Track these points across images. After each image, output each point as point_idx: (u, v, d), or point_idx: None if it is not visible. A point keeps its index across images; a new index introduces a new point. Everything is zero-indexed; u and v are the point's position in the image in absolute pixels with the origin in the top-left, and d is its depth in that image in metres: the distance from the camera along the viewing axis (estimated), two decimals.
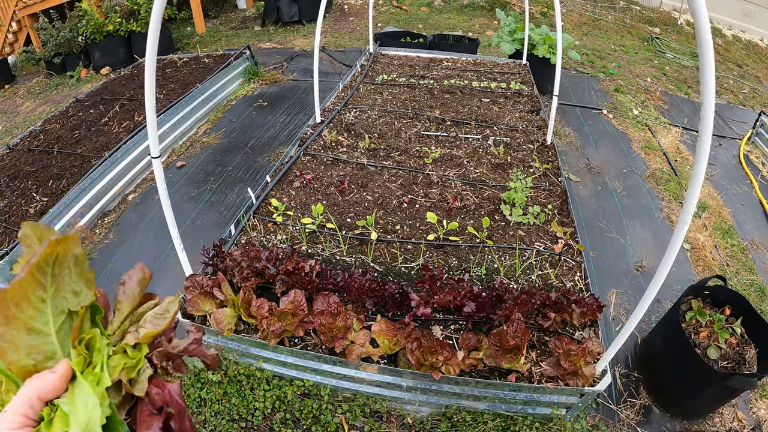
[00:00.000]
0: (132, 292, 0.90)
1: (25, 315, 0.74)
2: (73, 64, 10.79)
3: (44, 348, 0.78)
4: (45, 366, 0.77)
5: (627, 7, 13.61)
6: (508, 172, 4.99)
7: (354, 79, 7.39)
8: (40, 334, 0.77)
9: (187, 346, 0.90)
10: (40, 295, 0.75)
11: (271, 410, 3.40)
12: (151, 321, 0.87)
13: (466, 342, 3.13)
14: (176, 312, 0.88)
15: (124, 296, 0.90)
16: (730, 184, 6.46)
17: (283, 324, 3.16)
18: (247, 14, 13.60)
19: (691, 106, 8.64)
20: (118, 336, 0.87)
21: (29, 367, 0.76)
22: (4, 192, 5.61)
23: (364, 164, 5.11)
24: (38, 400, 0.75)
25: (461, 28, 11.83)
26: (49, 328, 0.77)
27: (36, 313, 0.75)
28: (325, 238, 4.12)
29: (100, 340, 0.83)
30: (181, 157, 6.66)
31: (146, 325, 0.87)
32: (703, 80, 1.93)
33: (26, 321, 0.74)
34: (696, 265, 5.00)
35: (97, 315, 0.87)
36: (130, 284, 0.90)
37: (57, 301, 0.78)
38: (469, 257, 3.95)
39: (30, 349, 0.76)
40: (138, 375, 0.84)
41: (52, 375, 0.76)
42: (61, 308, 0.78)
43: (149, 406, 0.82)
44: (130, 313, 0.89)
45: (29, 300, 0.74)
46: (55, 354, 0.79)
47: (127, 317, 0.89)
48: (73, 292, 0.79)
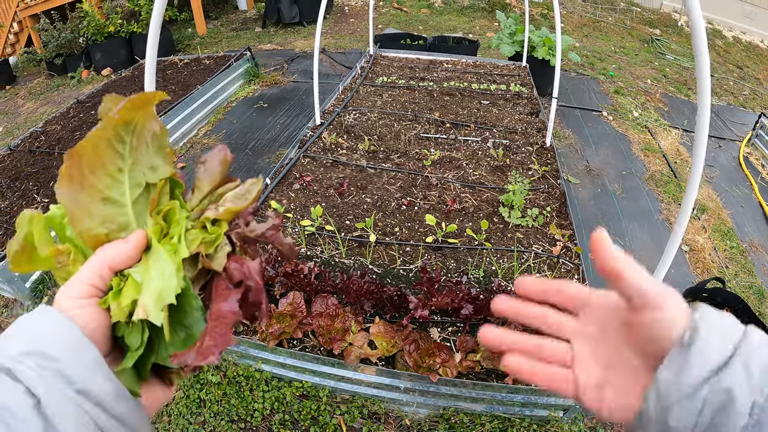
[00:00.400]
0: (213, 170, 0.84)
1: (101, 183, 0.72)
2: (74, 65, 10.79)
3: (119, 219, 0.75)
4: (118, 236, 0.75)
5: (627, 9, 13.63)
6: (507, 174, 5.00)
7: (354, 81, 7.41)
8: (115, 204, 0.74)
9: (265, 231, 0.83)
10: (118, 165, 0.73)
11: (270, 411, 3.42)
12: (232, 200, 0.82)
13: (464, 344, 3.14)
14: (259, 192, 0.83)
15: (204, 174, 0.85)
16: (730, 185, 6.47)
17: (281, 326, 3.17)
18: (247, 15, 13.61)
19: (691, 108, 8.65)
20: (197, 213, 0.83)
21: (101, 237, 0.74)
22: (5, 193, 5.62)
23: (364, 166, 5.12)
24: (109, 269, 0.72)
25: (461, 29, 11.85)
26: (125, 199, 0.75)
27: (112, 182, 0.73)
28: (324, 240, 4.13)
29: (179, 212, 0.80)
30: (182, 159, 6.68)
31: (227, 204, 0.81)
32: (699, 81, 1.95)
33: (102, 190, 0.72)
34: (695, 267, 5.00)
35: (177, 189, 0.83)
36: (212, 163, 0.85)
37: (134, 174, 0.75)
38: (468, 259, 3.96)
39: (104, 218, 0.74)
40: (216, 251, 0.79)
41: (125, 244, 0.73)
42: (138, 181, 0.76)
43: (226, 281, 0.77)
44: (209, 192, 0.84)
45: (106, 168, 0.72)
46: (129, 225, 0.76)
47: (206, 196, 0.84)
48: (150, 167, 0.77)
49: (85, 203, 0.71)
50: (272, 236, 0.85)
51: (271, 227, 0.84)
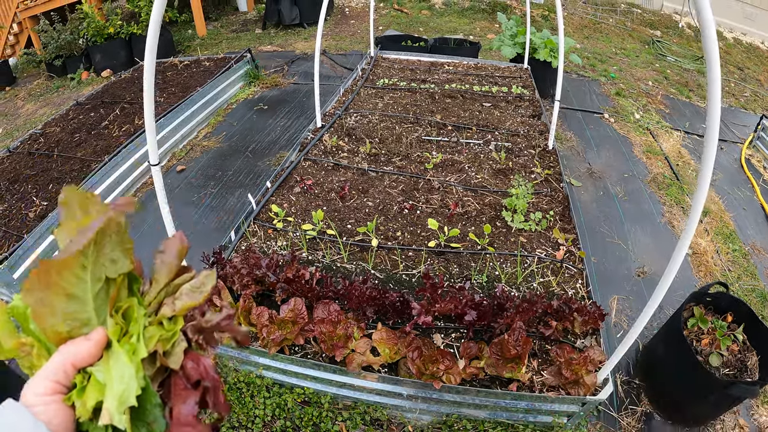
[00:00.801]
0: (170, 262, 0.89)
1: (65, 281, 0.74)
2: (73, 66, 10.78)
3: (80, 315, 0.78)
4: (80, 333, 0.78)
5: (628, 11, 13.61)
6: (510, 177, 4.97)
7: (355, 83, 7.38)
8: (77, 301, 0.76)
9: (219, 321, 0.89)
10: (81, 262, 0.75)
11: (272, 418, 3.39)
12: (188, 294, 0.86)
13: (467, 351, 3.11)
14: (213, 286, 0.88)
15: (161, 266, 0.89)
16: (732, 188, 6.45)
17: (283, 332, 3.15)
18: (248, 17, 13.59)
19: (692, 110, 8.63)
20: (154, 307, 0.87)
21: (64, 334, 0.77)
22: (3, 196, 5.60)
23: (365, 170, 5.09)
24: (72, 366, 0.75)
25: (462, 31, 11.82)
26: (87, 295, 0.77)
27: (75, 279, 0.75)
28: (326, 244, 4.11)
29: (138, 310, 0.84)
30: (182, 161, 6.65)
31: (183, 298, 0.86)
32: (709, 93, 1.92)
33: (65, 287, 0.74)
34: (698, 271, 4.98)
35: (134, 284, 0.87)
36: (168, 254, 0.89)
37: (96, 268, 0.77)
38: (471, 264, 3.94)
39: (66, 315, 0.76)
40: (173, 347, 0.83)
41: (87, 342, 0.76)
42: (99, 275, 0.78)
43: (184, 380, 0.82)
44: (166, 284, 0.89)
45: (71, 267, 0.74)
46: (90, 321, 0.79)
47: (163, 288, 0.88)
48: (111, 260, 0.80)
49: (49, 301, 0.74)
50: (227, 326, 0.90)
51: (225, 317, 0.90)
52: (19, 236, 4.86)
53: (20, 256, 4.61)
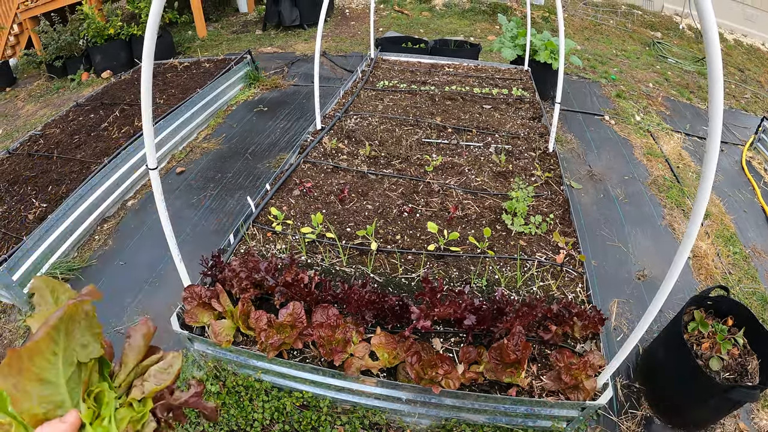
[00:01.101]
0: (137, 345, 0.95)
1: (37, 367, 0.77)
2: (74, 67, 10.79)
3: (54, 398, 0.80)
4: (55, 414, 0.80)
5: (628, 12, 13.60)
6: (510, 180, 4.97)
7: (355, 84, 7.37)
8: (51, 385, 0.79)
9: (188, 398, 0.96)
10: (53, 349, 0.78)
11: (270, 421, 3.38)
12: (156, 375, 0.93)
13: (467, 355, 3.11)
14: (179, 368, 0.95)
15: (130, 349, 0.94)
16: (733, 190, 6.44)
17: (281, 336, 3.14)
18: (248, 18, 13.60)
19: (693, 112, 8.63)
20: (124, 388, 0.92)
21: (39, 416, 0.79)
22: (3, 197, 5.59)
23: (365, 172, 5.09)
24: None
25: (463, 32, 11.82)
26: (59, 379, 0.80)
27: (48, 365, 0.78)
28: (325, 248, 4.10)
29: (108, 393, 0.88)
30: (181, 163, 6.65)
31: (151, 380, 0.92)
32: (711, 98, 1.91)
33: (38, 372, 0.77)
34: (698, 274, 4.98)
35: (104, 368, 0.91)
36: (135, 338, 0.95)
37: (67, 353, 0.81)
38: (470, 268, 3.93)
39: (41, 399, 0.79)
40: (143, 428, 0.88)
41: (62, 425, 0.79)
42: (71, 360, 0.82)
43: None
44: (135, 366, 0.94)
45: (42, 353, 0.77)
46: (64, 403, 0.82)
47: (132, 370, 0.93)
48: (82, 345, 0.83)
49: (23, 386, 0.77)
50: (195, 402, 0.98)
51: (193, 395, 0.98)
52: (18, 238, 4.86)
53: (19, 258, 4.60)
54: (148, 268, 5.00)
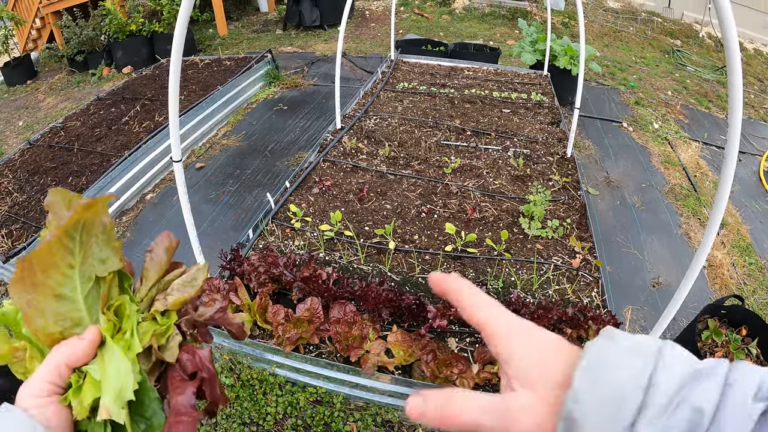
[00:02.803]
0: (159, 259, 0.89)
1: (52, 281, 0.73)
2: (95, 62, 10.88)
3: (71, 315, 0.77)
4: (72, 333, 0.77)
5: (648, 19, 13.55)
6: (528, 184, 4.97)
7: (375, 85, 7.40)
8: (67, 301, 0.76)
9: (213, 314, 0.89)
10: (68, 262, 0.74)
11: (283, 416, 3.40)
12: (179, 288, 0.87)
13: (482, 355, 3.12)
14: (204, 280, 0.88)
15: (151, 263, 0.89)
16: (750, 200, 6.41)
17: (298, 331, 3.16)
18: (268, 17, 13.66)
19: (711, 121, 8.58)
20: (146, 303, 0.87)
21: (56, 335, 0.76)
22: (23, 187, 5.67)
23: (384, 172, 5.11)
24: (66, 367, 0.74)
25: (482, 36, 11.83)
26: (76, 295, 0.77)
27: (63, 279, 0.74)
28: (343, 245, 4.12)
29: (129, 306, 0.83)
30: (201, 159, 6.70)
31: (174, 293, 0.87)
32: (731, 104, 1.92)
33: (53, 287, 0.74)
34: (713, 283, 4.96)
35: (125, 282, 0.86)
36: (157, 251, 0.89)
37: (84, 268, 0.77)
38: (487, 270, 3.94)
39: (57, 316, 0.75)
40: (168, 342, 0.83)
41: (80, 341, 0.75)
42: (89, 275, 0.78)
43: (180, 372, 0.82)
44: (157, 281, 0.89)
45: (57, 266, 0.73)
46: (82, 320, 0.78)
47: (154, 285, 0.88)
48: (100, 259, 0.79)
49: (37, 302, 0.73)
50: (220, 318, 0.92)
51: (218, 310, 0.91)
52: (38, 227, 4.92)
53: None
54: None
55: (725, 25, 1.87)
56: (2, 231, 4.98)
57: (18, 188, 5.66)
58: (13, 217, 5.18)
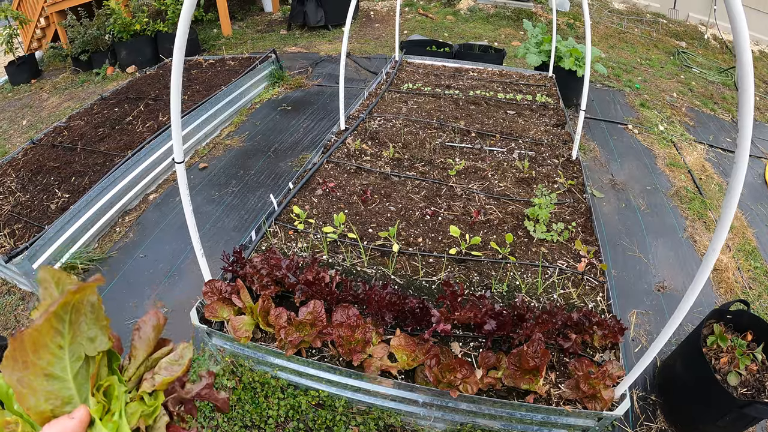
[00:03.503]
0: (147, 337, 0.92)
1: (43, 361, 0.74)
2: (99, 61, 10.90)
3: (62, 393, 0.78)
4: (63, 411, 0.78)
5: (653, 21, 13.52)
6: (533, 186, 4.95)
7: (379, 86, 7.38)
8: (57, 380, 0.77)
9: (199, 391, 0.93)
10: (58, 342, 0.76)
11: (285, 419, 3.40)
12: (167, 368, 0.89)
13: (485, 361, 3.10)
14: (190, 359, 0.91)
15: (139, 341, 0.91)
16: (755, 204, 6.37)
17: (301, 334, 3.15)
18: (273, 18, 13.66)
19: (717, 123, 8.54)
20: (134, 382, 0.89)
21: (47, 413, 0.77)
22: (26, 186, 5.66)
23: (388, 174, 5.09)
24: None
25: (487, 37, 11.79)
26: (66, 374, 0.78)
27: (54, 359, 0.76)
28: (346, 248, 4.10)
29: (118, 387, 0.85)
30: (204, 159, 6.70)
31: (162, 372, 0.89)
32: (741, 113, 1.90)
33: (44, 367, 0.75)
34: (718, 288, 4.93)
35: (113, 361, 0.88)
36: (145, 330, 0.92)
37: (74, 347, 0.78)
38: (491, 273, 3.92)
39: (48, 395, 0.76)
40: (155, 422, 0.86)
41: (71, 421, 0.76)
42: (78, 354, 0.79)
43: None
44: (145, 359, 0.91)
45: (47, 346, 0.74)
46: (72, 399, 0.79)
47: (142, 363, 0.91)
48: (89, 338, 0.81)
49: (29, 381, 0.74)
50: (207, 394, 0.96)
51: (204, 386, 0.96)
52: (40, 227, 4.92)
53: (40, 246, 4.67)
54: (168, 261, 5.04)
55: (737, 28, 1.84)
56: (5, 230, 4.97)
57: (21, 188, 5.65)
58: (16, 216, 5.17)
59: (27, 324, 4.58)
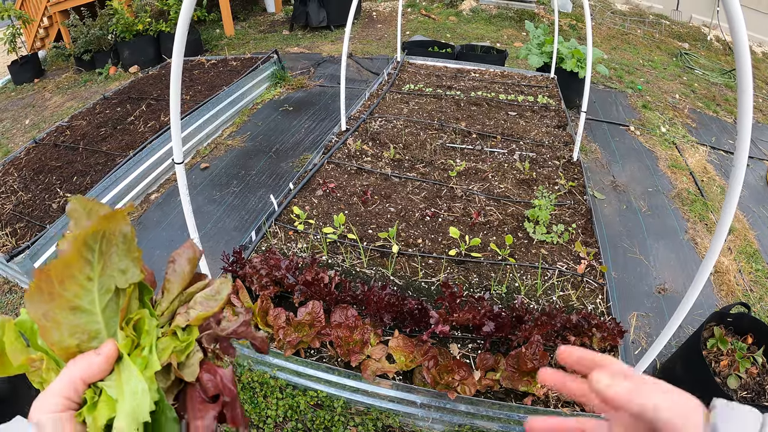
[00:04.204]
0: (182, 270, 0.87)
1: (69, 293, 0.71)
2: (102, 61, 10.91)
3: (89, 327, 0.75)
4: (89, 346, 0.75)
5: (656, 22, 13.50)
6: (533, 188, 4.94)
7: (381, 87, 7.38)
8: (84, 313, 0.74)
9: (236, 328, 0.86)
10: (87, 273, 0.72)
11: (283, 419, 3.39)
12: (202, 303, 0.84)
13: (484, 362, 3.10)
14: (228, 294, 0.86)
15: (173, 275, 0.87)
16: (757, 206, 6.35)
17: (299, 335, 3.15)
18: (275, 18, 13.67)
19: (719, 125, 8.52)
20: (167, 317, 0.85)
21: (72, 348, 0.74)
22: (28, 185, 5.67)
23: (388, 175, 5.09)
24: (82, 382, 0.72)
25: (489, 38, 11.78)
26: (94, 307, 0.75)
27: (81, 291, 0.72)
28: (346, 248, 4.10)
29: (149, 321, 0.81)
30: (206, 159, 6.70)
31: (197, 307, 0.84)
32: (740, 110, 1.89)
33: (70, 299, 0.72)
34: (719, 290, 4.92)
35: (145, 295, 0.85)
36: (180, 262, 0.87)
37: (103, 279, 0.75)
38: (491, 274, 3.91)
39: (74, 329, 0.73)
40: (188, 359, 0.81)
41: (97, 357, 0.73)
42: (108, 286, 0.76)
43: (201, 393, 0.80)
44: (179, 293, 0.86)
45: (75, 277, 0.71)
46: (99, 334, 0.76)
47: (176, 297, 0.86)
48: (120, 270, 0.77)
49: (54, 314, 0.71)
50: (244, 332, 0.88)
51: (241, 324, 0.88)
52: (42, 226, 4.93)
53: (42, 245, 4.67)
54: (163, 262, 5.03)
55: (735, 29, 1.84)
56: (7, 229, 4.98)
57: (23, 187, 5.66)
58: (18, 215, 5.18)
59: None
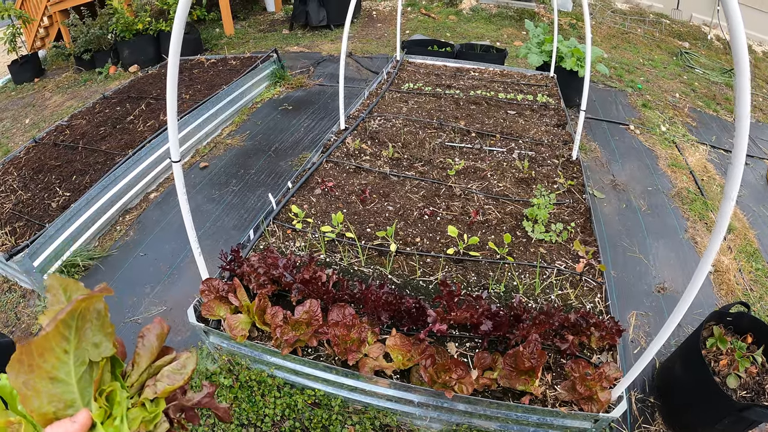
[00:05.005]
0: (151, 345, 0.94)
1: (48, 365, 0.76)
2: (102, 60, 10.92)
3: (65, 396, 0.79)
4: (65, 414, 0.79)
5: (657, 21, 13.48)
6: (532, 187, 4.94)
7: (380, 86, 7.38)
8: (61, 383, 0.79)
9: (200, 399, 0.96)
10: (64, 347, 0.77)
11: (281, 417, 3.39)
12: (169, 376, 0.92)
13: (481, 361, 3.09)
14: (193, 369, 0.94)
15: (143, 349, 0.93)
16: (757, 205, 6.34)
17: (297, 333, 3.14)
18: (275, 17, 13.67)
19: (719, 124, 8.51)
20: (137, 388, 0.91)
21: (50, 414, 0.78)
22: (28, 185, 5.67)
23: (387, 174, 5.08)
24: None
25: (489, 37, 11.77)
26: (70, 378, 0.79)
27: (59, 363, 0.77)
28: (344, 247, 4.10)
29: (120, 393, 0.87)
30: (205, 158, 6.70)
31: (164, 380, 0.91)
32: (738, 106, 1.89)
33: (49, 370, 0.76)
34: (719, 289, 4.91)
35: (117, 368, 0.90)
36: (149, 338, 0.94)
37: (79, 352, 0.80)
38: (489, 273, 3.91)
39: (51, 397, 0.78)
40: (156, 428, 0.88)
41: (72, 425, 0.78)
42: (83, 359, 0.81)
43: None
44: (148, 366, 0.93)
45: (53, 351, 0.76)
46: (74, 402, 0.81)
47: (145, 370, 0.93)
48: (93, 344, 0.82)
49: (34, 384, 0.76)
50: (208, 403, 0.99)
51: (205, 395, 0.99)
52: (41, 225, 4.92)
53: (41, 244, 4.67)
54: (168, 260, 5.04)
55: (733, 28, 1.83)
56: (6, 228, 4.98)
57: (23, 186, 5.66)
58: (17, 214, 5.18)
59: (28, 322, 4.60)
